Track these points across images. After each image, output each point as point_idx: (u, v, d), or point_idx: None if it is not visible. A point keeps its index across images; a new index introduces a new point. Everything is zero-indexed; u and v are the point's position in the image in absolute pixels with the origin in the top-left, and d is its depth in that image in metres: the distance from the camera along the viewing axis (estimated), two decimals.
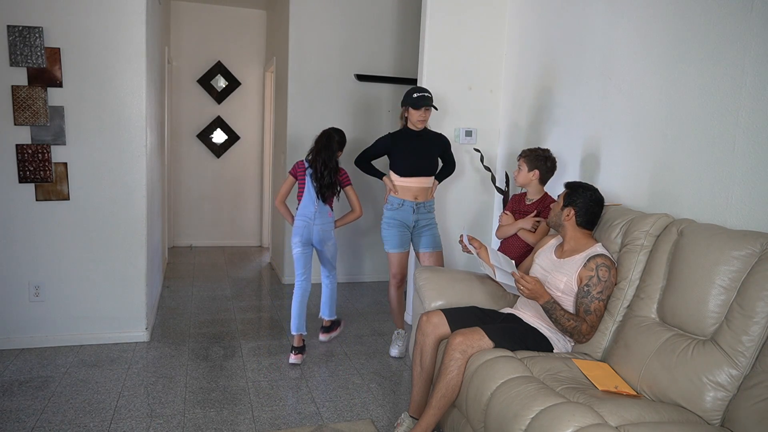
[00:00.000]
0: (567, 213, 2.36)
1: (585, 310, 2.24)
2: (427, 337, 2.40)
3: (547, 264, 2.42)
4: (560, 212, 2.39)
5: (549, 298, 2.24)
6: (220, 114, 6.55)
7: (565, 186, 2.46)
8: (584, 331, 2.24)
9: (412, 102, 3.23)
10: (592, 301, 2.23)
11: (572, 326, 2.22)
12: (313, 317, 4.00)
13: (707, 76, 2.32)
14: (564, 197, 2.40)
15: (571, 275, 2.28)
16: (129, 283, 3.46)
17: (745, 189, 2.14)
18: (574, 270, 2.28)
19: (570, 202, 2.37)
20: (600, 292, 2.22)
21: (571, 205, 2.36)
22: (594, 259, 2.25)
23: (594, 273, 2.23)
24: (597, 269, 2.23)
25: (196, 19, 6.33)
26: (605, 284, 2.23)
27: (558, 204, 2.43)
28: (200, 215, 6.61)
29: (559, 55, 3.37)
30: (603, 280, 2.22)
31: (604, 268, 2.23)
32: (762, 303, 1.75)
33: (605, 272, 2.23)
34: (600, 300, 2.23)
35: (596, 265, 2.23)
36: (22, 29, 3.12)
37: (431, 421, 2.21)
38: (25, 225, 3.26)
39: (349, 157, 5.15)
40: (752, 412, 1.65)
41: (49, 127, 3.22)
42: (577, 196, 2.36)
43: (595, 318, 2.24)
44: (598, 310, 2.24)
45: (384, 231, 3.38)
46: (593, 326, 2.25)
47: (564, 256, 2.36)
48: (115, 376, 3.01)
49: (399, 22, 5.16)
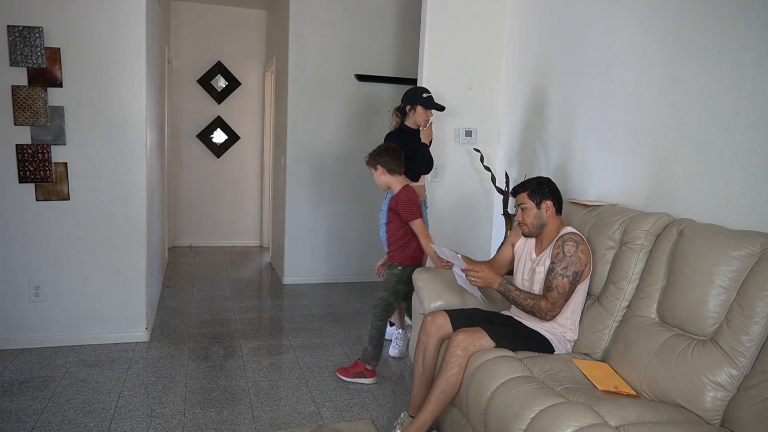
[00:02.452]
0: (546, 208, 2.37)
1: (547, 286, 2.25)
2: (430, 337, 2.40)
3: (530, 265, 2.44)
4: (539, 213, 2.37)
5: (501, 281, 2.28)
6: (220, 114, 6.55)
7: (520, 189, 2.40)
8: (544, 308, 2.24)
9: (424, 101, 3.27)
10: (555, 278, 2.23)
11: (530, 305, 2.25)
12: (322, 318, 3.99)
13: (707, 75, 2.32)
14: (529, 197, 2.37)
15: (546, 262, 2.32)
16: (129, 283, 3.46)
17: (745, 189, 2.14)
18: (548, 256, 2.32)
19: (542, 197, 2.36)
20: (564, 268, 2.22)
21: (546, 199, 2.36)
22: (561, 237, 2.29)
23: (560, 249, 2.25)
24: (563, 245, 2.25)
25: (196, 19, 6.33)
26: (570, 259, 2.22)
27: (529, 209, 2.36)
28: (200, 215, 6.61)
29: (559, 55, 3.37)
30: (568, 255, 2.22)
31: (571, 243, 2.24)
32: (762, 303, 1.75)
33: (571, 247, 2.23)
34: (563, 276, 2.22)
35: (563, 242, 2.26)
36: (22, 29, 3.12)
37: (429, 417, 2.21)
38: (25, 225, 3.26)
39: (352, 160, 5.17)
40: (752, 412, 1.65)
41: (49, 127, 3.23)
42: (543, 188, 2.37)
43: (556, 294, 2.22)
44: (560, 286, 2.22)
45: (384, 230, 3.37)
46: (555, 303, 2.23)
47: (542, 250, 2.40)
48: (115, 376, 3.01)
49: (399, 22, 5.16)
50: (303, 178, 5.07)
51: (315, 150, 5.06)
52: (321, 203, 5.15)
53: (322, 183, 5.14)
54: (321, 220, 5.17)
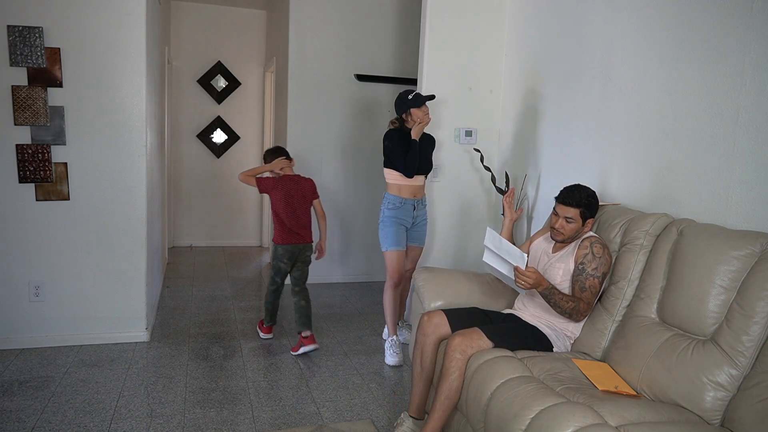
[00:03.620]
0: (589, 223, 2.37)
1: (581, 287, 2.27)
2: (427, 337, 2.40)
3: (545, 259, 2.46)
4: (581, 228, 2.35)
5: (548, 285, 2.27)
6: (220, 114, 6.55)
7: (573, 203, 2.33)
8: (582, 309, 2.27)
9: (411, 102, 3.26)
10: (587, 278, 2.25)
11: (571, 307, 2.25)
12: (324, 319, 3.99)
13: (707, 75, 2.32)
14: (581, 214, 2.33)
15: (568, 261, 2.33)
16: (129, 283, 3.46)
17: (745, 189, 2.14)
18: (570, 255, 2.33)
19: (590, 215, 2.35)
20: (595, 269, 2.25)
21: (591, 217, 2.37)
22: (588, 239, 2.31)
23: (588, 250, 2.27)
24: (591, 246, 2.27)
25: (196, 19, 6.33)
26: (600, 260, 2.25)
27: (575, 222, 2.33)
28: (200, 215, 6.61)
29: (559, 55, 3.37)
30: (598, 256, 2.25)
31: (599, 245, 2.27)
32: (762, 303, 1.75)
33: (600, 249, 2.26)
34: (594, 277, 2.25)
35: (590, 243, 2.28)
36: (22, 29, 3.12)
37: (437, 425, 2.20)
38: (25, 225, 3.26)
39: (352, 160, 5.17)
40: (752, 412, 1.65)
41: (49, 127, 3.22)
42: (594, 208, 2.36)
43: (590, 294, 2.27)
44: (593, 286, 2.26)
45: (384, 230, 3.38)
46: (589, 303, 2.28)
47: (559, 249, 2.42)
48: (115, 376, 3.01)
49: (399, 22, 5.16)
50: None
51: (315, 150, 5.06)
52: (321, 203, 5.13)
53: (323, 183, 5.13)
54: None
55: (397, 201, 3.36)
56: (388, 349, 3.38)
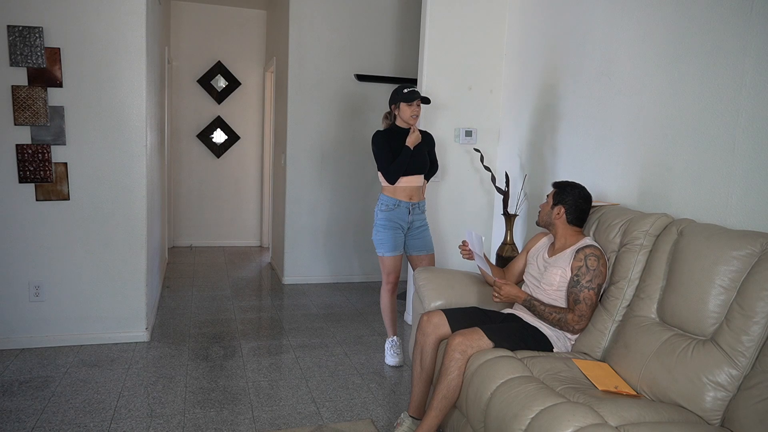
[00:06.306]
0: (557, 212, 2.42)
1: (574, 299, 2.28)
2: (427, 337, 2.40)
3: (542, 263, 2.46)
4: (550, 211, 2.45)
5: (526, 296, 2.32)
6: (220, 114, 6.55)
7: (554, 185, 2.50)
8: (570, 320, 2.27)
9: (404, 97, 3.15)
10: (581, 291, 2.27)
11: (556, 318, 2.28)
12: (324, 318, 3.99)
13: (707, 75, 2.33)
14: (553, 196, 2.46)
15: (566, 268, 2.33)
16: (129, 283, 3.46)
17: (745, 189, 2.14)
18: (566, 263, 2.33)
19: (559, 200, 2.42)
20: (589, 281, 2.26)
21: (560, 204, 2.42)
22: (582, 250, 2.31)
23: (583, 263, 2.28)
24: (585, 259, 2.28)
25: (196, 19, 6.34)
26: (594, 273, 2.26)
27: (547, 203, 2.48)
28: (200, 215, 6.61)
29: (560, 55, 3.37)
30: (591, 269, 2.26)
31: (593, 258, 2.28)
32: (762, 303, 1.75)
33: (594, 261, 2.27)
34: (589, 289, 2.26)
35: (584, 255, 2.29)
36: (22, 29, 3.12)
37: (433, 423, 2.21)
38: (25, 225, 3.26)
39: (352, 160, 5.17)
40: (752, 412, 1.65)
41: (49, 127, 3.23)
42: (566, 195, 2.42)
43: (584, 307, 2.27)
44: (587, 299, 2.27)
45: (378, 234, 3.25)
46: (582, 315, 2.28)
47: (555, 253, 2.42)
48: (115, 376, 3.01)
49: (399, 22, 5.16)
50: (303, 178, 5.07)
51: (315, 150, 5.06)
52: (321, 203, 5.15)
53: (322, 183, 5.14)
54: (321, 220, 5.17)
55: (391, 202, 3.23)
56: (388, 349, 3.37)
